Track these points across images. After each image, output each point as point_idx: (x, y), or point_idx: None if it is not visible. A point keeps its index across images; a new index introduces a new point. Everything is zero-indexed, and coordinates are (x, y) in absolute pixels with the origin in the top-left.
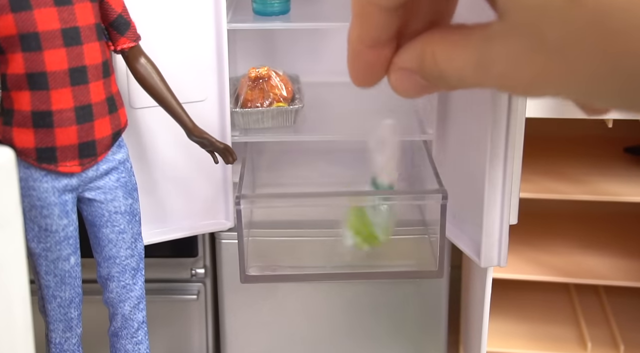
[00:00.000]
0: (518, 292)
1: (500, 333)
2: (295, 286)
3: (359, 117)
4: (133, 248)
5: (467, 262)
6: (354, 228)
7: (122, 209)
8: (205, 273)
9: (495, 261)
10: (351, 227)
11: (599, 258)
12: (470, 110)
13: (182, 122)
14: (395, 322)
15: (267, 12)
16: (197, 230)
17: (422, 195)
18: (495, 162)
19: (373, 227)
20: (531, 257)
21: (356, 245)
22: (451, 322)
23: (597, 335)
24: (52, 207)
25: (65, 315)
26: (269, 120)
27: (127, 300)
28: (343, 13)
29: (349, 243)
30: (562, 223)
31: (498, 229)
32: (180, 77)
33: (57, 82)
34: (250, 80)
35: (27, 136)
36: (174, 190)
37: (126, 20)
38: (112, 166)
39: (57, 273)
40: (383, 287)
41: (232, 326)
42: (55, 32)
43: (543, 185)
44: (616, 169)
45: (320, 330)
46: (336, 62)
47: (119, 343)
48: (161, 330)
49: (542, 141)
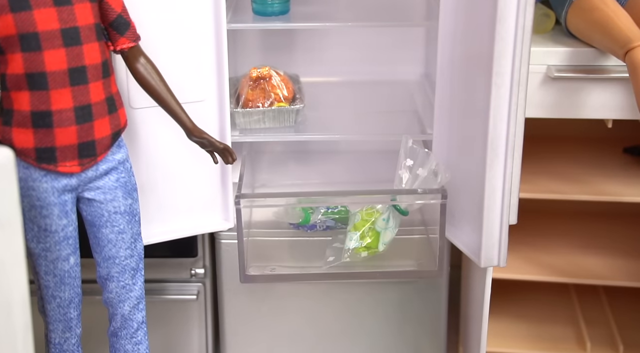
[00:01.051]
0: (517, 292)
1: (500, 333)
2: (294, 286)
3: (360, 117)
4: (132, 248)
5: (467, 262)
6: (361, 233)
7: (121, 209)
8: (205, 273)
9: (495, 261)
10: (357, 231)
11: (598, 259)
12: (471, 110)
13: (182, 122)
14: (395, 322)
15: (267, 13)
16: (197, 230)
17: (422, 195)
18: (495, 162)
19: (379, 236)
20: (531, 257)
21: (356, 249)
22: (451, 322)
23: (597, 335)
24: (52, 207)
25: (64, 315)
26: (270, 120)
27: (127, 300)
28: (343, 13)
29: (351, 246)
30: (561, 223)
31: (498, 229)
32: (180, 77)
33: (56, 82)
34: (251, 80)
35: (27, 136)
36: (173, 190)
37: (126, 20)
38: (111, 166)
39: (57, 273)
40: (383, 287)
41: (231, 326)
42: (54, 32)
43: (543, 185)
44: (615, 169)
45: (320, 330)
46: (336, 62)
47: (118, 343)
48: (161, 330)
49: (542, 141)
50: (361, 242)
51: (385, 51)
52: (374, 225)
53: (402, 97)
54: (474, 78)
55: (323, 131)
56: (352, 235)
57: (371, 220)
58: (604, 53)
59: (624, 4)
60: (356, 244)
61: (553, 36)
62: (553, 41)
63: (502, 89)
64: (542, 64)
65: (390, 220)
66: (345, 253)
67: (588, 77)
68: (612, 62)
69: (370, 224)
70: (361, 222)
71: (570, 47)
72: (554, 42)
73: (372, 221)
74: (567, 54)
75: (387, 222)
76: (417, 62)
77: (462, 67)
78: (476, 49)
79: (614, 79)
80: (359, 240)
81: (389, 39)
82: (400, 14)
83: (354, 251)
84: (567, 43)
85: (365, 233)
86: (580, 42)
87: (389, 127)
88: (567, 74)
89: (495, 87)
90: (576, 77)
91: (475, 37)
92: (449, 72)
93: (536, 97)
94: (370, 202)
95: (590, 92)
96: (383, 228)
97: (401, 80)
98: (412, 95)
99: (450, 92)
